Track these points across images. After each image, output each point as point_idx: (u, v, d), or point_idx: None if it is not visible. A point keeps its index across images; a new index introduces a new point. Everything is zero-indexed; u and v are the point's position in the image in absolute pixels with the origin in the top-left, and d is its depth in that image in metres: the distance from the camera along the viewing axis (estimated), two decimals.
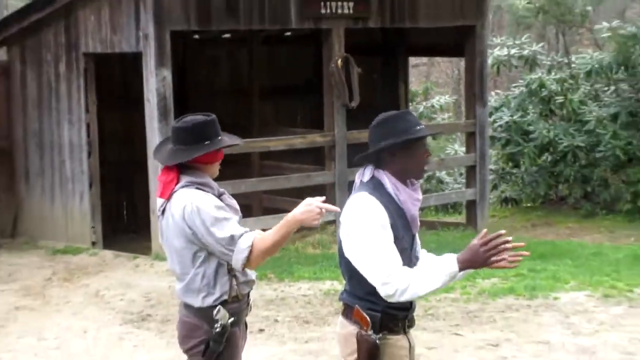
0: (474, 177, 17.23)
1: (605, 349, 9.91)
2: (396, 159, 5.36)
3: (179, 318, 5.90)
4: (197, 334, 5.73)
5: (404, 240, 5.32)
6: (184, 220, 5.55)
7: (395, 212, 5.28)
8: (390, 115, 5.42)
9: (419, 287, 5.12)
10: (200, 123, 5.78)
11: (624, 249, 15.25)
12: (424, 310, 11.49)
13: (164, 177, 5.75)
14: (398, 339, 5.38)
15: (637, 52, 19.36)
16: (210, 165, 5.80)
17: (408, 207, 5.35)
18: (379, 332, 5.32)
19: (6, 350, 10.40)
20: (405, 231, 5.34)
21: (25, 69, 15.78)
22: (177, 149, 5.76)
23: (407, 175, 5.39)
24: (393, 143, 5.29)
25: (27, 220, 16.00)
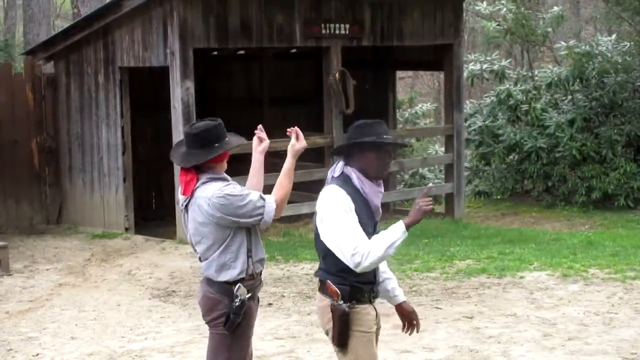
0: (451, 173, 17.24)
1: (564, 321, 9.90)
2: (363, 158, 5.52)
3: (202, 294, 5.89)
4: (219, 307, 5.73)
5: (368, 226, 5.47)
6: (212, 207, 5.59)
7: (360, 202, 5.45)
8: (366, 122, 5.58)
9: (378, 247, 5.27)
10: (209, 128, 5.82)
11: (580, 235, 15.24)
12: (409, 287, 11.48)
13: (184, 177, 5.78)
14: (365, 307, 5.48)
15: (591, 67, 19.35)
16: (220, 163, 5.85)
17: (371, 198, 5.54)
18: (348, 302, 5.42)
19: (51, 322, 10.39)
20: (368, 218, 5.51)
21: (69, 81, 15.76)
22: (191, 152, 5.78)
23: (370, 173, 5.53)
24: (362, 142, 5.47)
25: (71, 210, 15.99)
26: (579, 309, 10.37)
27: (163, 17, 13.83)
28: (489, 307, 10.51)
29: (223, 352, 5.78)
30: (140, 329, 9.97)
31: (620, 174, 18.31)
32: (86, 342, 9.59)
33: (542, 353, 8.80)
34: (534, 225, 16.90)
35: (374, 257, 5.26)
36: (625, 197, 18.23)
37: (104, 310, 10.79)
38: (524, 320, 9.97)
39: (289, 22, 14.71)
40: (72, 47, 15.54)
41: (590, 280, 11.66)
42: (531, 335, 9.39)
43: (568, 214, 18.03)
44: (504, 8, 20.72)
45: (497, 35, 21.22)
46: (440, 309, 10.49)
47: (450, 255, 13.34)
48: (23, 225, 15.71)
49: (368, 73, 18.28)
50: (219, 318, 5.74)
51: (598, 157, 18.65)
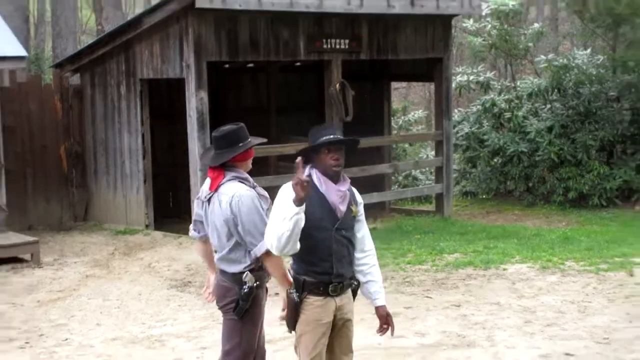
0: (441, 175, 17.24)
1: (543, 309, 9.93)
2: (318, 159, 5.51)
3: (216, 283, 5.96)
4: (229, 294, 5.79)
5: (325, 220, 5.42)
6: (229, 206, 5.66)
7: (315, 198, 5.37)
8: (315, 127, 5.61)
9: (274, 225, 5.22)
10: (233, 130, 5.93)
11: (557, 232, 15.26)
12: (402, 278, 11.51)
13: (211, 174, 5.88)
14: (317, 299, 5.44)
15: (568, 79, 19.36)
16: (245, 162, 5.94)
17: (329, 195, 5.47)
18: (301, 292, 5.44)
19: (78, 309, 10.43)
20: (326, 213, 5.44)
21: (94, 91, 15.79)
22: (218, 152, 5.87)
23: (328, 171, 5.51)
24: (304, 148, 5.51)
25: (96, 208, 16.02)
26: (557, 298, 10.41)
27: (179, 33, 13.86)
28: (475, 296, 10.54)
29: (235, 335, 5.84)
30: (159, 316, 10.01)
31: (594, 176, 18.33)
32: (110, 328, 9.63)
33: (523, 338, 8.84)
34: (516, 222, 16.91)
35: (274, 234, 5.21)
36: (598, 197, 18.25)
37: (127, 299, 10.83)
38: (506, 308, 10.00)
39: (293, 38, 14.74)
40: (96, 61, 15.58)
41: (566, 272, 11.68)
42: (513, 322, 9.42)
43: (547, 212, 18.04)
44: (489, 25, 20.74)
45: (482, 49, 21.22)
46: (430, 298, 10.53)
47: (440, 249, 13.37)
48: (53, 222, 15.74)
49: (365, 84, 18.29)
50: (230, 304, 5.80)
51: (574, 160, 18.65)
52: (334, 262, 5.44)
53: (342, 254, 5.48)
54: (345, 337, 5.59)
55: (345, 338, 5.59)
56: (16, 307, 10.60)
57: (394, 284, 11.25)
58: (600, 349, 8.43)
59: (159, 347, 8.88)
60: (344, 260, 5.49)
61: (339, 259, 5.46)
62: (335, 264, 5.44)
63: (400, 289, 11.01)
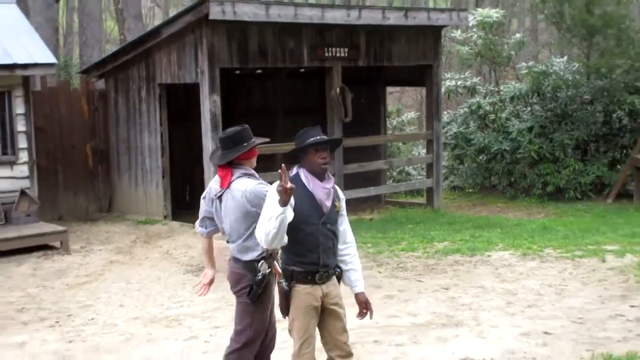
0: (432, 171, 17.24)
1: (523, 291, 9.93)
2: (305, 159, 5.49)
3: (230, 270, 5.97)
4: (244, 281, 5.81)
5: (311, 216, 5.40)
6: (246, 200, 5.68)
7: (303, 195, 5.36)
8: (302, 130, 5.57)
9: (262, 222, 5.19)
10: (238, 132, 5.96)
11: (537, 222, 15.27)
12: (396, 264, 11.51)
13: (221, 172, 5.90)
14: (305, 287, 5.44)
15: (546, 84, 19.37)
16: (250, 160, 5.95)
17: (316, 192, 5.44)
18: (290, 281, 5.43)
19: (103, 292, 10.45)
20: (312, 208, 5.42)
21: (117, 95, 15.80)
22: (225, 152, 5.87)
23: (315, 170, 5.48)
24: (294, 149, 5.51)
25: (119, 201, 16.04)
26: (536, 281, 10.41)
27: (194, 42, 13.85)
28: (462, 280, 10.55)
29: (247, 317, 5.85)
30: (176, 298, 10.02)
31: (570, 172, 18.35)
32: (132, 309, 9.64)
33: (506, 318, 8.84)
34: (499, 214, 16.92)
35: (263, 231, 5.19)
36: (574, 190, 18.27)
37: (147, 283, 10.85)
38: (490, 291, 10.00)
39: (298, 47, 14.73)
40: (119, 67, 15.58)
41: (545, 258, 11.68)
42: (496, 304, 9.42)
43: (527, 204, 18.05)
44: (475, 35, 20.75)
45: (469, 57, 21.24)
46: (422, 282, 10.53)
47: (431, 238, 13.37)
48: (80, 213, 15.76)
49: (363, 89, 18.29)
50: (243, 289, 5.81)
51: (552, 157, 18.67)
52: (321, 253, 5.44)
53: (327, 245, 5.47)
54: (336, 319, 5.56)
55: (338, 320, 5.57)
56: (47, 290, 10.62)
57: (388, 269, 11.26)
58: (575, 328, 8.43)
59: (176, 326, 8.90)
60: (329, 252, 5.50)
61: (325, 250, 5.46)
62: (322, 254, 5.44)
63: (394, 273, 11.01)
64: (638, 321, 8.62)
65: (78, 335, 8.68)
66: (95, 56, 21.56)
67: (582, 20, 18.92)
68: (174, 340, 8.35)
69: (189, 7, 14.05)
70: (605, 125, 19.19)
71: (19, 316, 9.46)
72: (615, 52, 18.83)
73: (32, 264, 12.05)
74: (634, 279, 10.40)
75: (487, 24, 20.61)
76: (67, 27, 36.09)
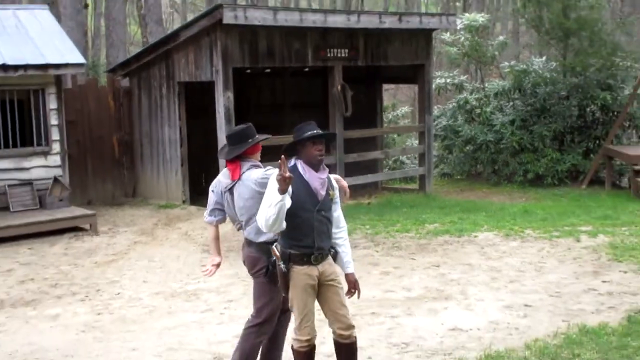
0: (424, 160, 17.22)
1: (506, 268, 9.94)
2: (303, 151, 5.46)
3: (246, 254, 5.97)
4: (260, 263, 5.81)
5: (306, 202, 5.38)
6: (258, 185, 5.68)
7: (300, 184, 5.36)
8: (300, 125, 5.52)
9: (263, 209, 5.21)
10: (243, 129, 6.00)
11: (518, 206, 15.25)
12: (392, 244, 11.51)
13: (230, 166, 5.92)
14: (302, 268, 5.43)
15: (527, 81, 19.33)
16: (255, 154, 5.97)
17: (312, 182, 5.43)
18: (288, 263, 5.42)
19: (128, 269, 10.47)
20: (307, 196, 5.40)
21: (140, 92, 15.78)
22: (232, 147, 5.90)
23: (312, 161, 5.45)
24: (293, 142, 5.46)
25: (142, 187, 16.04)
26: (517, 259, 10.42)
27: (210, 44, 13.83)
28: (451, 258, 10.56)
29: (265, 295, 5.85)
30: (194, 274, 10.04)
31: (548, 160, 18.32)
32: (154, 284, 9.67)
33: (490, 292, 8.86)
34: (484, 198, 16.91)
35: (263, 217, 5.20)
36: (552, 177, 18.24)
37: (168, 261, 10.87)
38: (476, 268, 10.01)
39: (303, 48, 14.70)
40: (142, 67, 15.55)
41: (525, 239, 11.69)
42: (482, 279, 9.44)
43: (509, 190, 18.04)
44: (462, 37, 20.69)
45: (457, 57, 21.18)
46: (415, 260, 10.54)
47: (423, 220, 13.37)
48: (107, 198, 15.77)
49: (362, 86, 18.23)
50: (260, 270, 5.81)
51: (532, 147, 18.63)
52: (315, 237, 5.43)
53: (321, 230, 5.46)
54: (334, 294, 5.54)
55: (335, 295, 5.54)
56: (78, 267, 10.65)
57: (385, 248, 11.26)
58: (552, 301, 8.44)
59: (193, 299, 8.91)
60: (323, 236, 5.48)
61: (319, 235, 5.44)
62: (316, 238, 5.43)
63: (390, 252, 11.02)
64: (609, 295, 8.64)
65: (106, 308, 8.70)
66: (120, 57, 21.56)
67: (559, 23, 18.88)
68: (192, 313, 8.38)
69: (205, 12, 14.05)
70: (580, 119, 19.17)
71: (53, 291, 9.48)
72: (588, 52, 18.78)
73: (64, 244, 12.08)
74: (606, 257, 10.41)
75: (474, 27, 20.57)
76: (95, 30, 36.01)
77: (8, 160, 13.29)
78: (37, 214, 12.84)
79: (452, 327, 7.56)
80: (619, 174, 18.66)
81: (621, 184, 18.41)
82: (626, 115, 18.38)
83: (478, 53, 20.60)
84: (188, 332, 7.66)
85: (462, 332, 7.41)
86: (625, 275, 9.47)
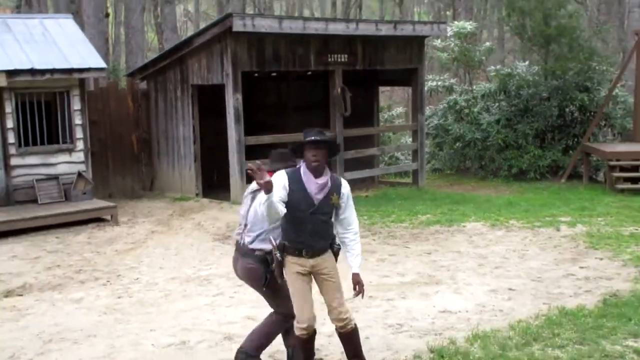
0: (416, 156, 17.21)
1: (492, 255, 9.94)
2: (303, 155, 5.39)
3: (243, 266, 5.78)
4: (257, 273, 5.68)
5: (302, 203, 5.32)
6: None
7: (298, 184, 5.30)
8: (307, 129, 5.48)
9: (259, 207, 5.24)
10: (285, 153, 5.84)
11: (503, 198, 15.25)
12: (387, 233, 11.51)
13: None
14: (295, 259, 5.39)
15: (511, 84, 19.32)
16: None
17: (309, 186, 5.33)
18: (282, 253, 5.41)
19: (146, 257, 10.47)
20: (303, 199, 5.32)
21: (157, 94, 15.74)
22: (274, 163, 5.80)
23: (309, 167, 5.36)
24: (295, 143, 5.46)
25: (159, 181, 16.01)
26: (502, 247, 10.41)
27: (220, 50, 13.81)
28: (441, 247, 10.55)
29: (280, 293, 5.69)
30: (206, 261, 10.04)
31: (531, 156, 18.31)
32: (170, 270, 9.66)
33: (477, 277, 8.85)
34: (472, 191, 16.91)
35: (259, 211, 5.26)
36: (534, 172, 18.23)
37: (182, 249, 10.86)
38: (465, 255, 10.01)
39: (306, 53, 14.68)
40: (159, 71, 15.52)
41: (510, 228, 11.68)
42: (470, 265, 9.43)
43: (495, 184, 18.03)
44: (452, 43, 20.66)
45: (447, 62, 21.15)
46: (409, 248, 10.53)
47: (416, 211, 13.36)
48: (127, 191, 15.75)
49: (360, 88, 18.20)
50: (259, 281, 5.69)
51: (516, 144, 18.62)
52: (307, 237, 5.35)
53: (315, 230, 5.36)
54: (328, 287, 5.45)
55: (329, 288, 5.44)
56: (100, 255, 10.64)
57: (381, 237, 11.26)
58: (534, 285, 8.44)
59: (206, 284, 8.91)
60: (317, 236, 5.38)
61: (312, 235, 5.36)
62: (308, 238, 5.36)
63: (385, 241, 11.01)
64: (586, 280, 8.63)
65: (125, 292, 8.70)
66: (138, 62, 21.53)
67: (541, 31, 18.85)
68: (205, 296, 8.37)
69: (216, 21, 14.03)
70: (560, 118, 19.15)
71: (77, 276, 9.48)
72: (567, 57, 18.75)
73: (87, 234, 12.08)
74: (583, 245, 10.40)
75: (462, 34, 20.54)
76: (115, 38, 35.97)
77: (36, 156, 13.29)
78: (62, 206, 12.83)
79: (442, 309, 7.55)
80: (596, 169, 18.65)
81: (597, 178, 18.40)
82: (602, 115, 18.39)
83: (466, 58, 20.57)
84: (201, 314, 7.65)
85: (452, 314, 7.40)
86: (601, 261, 9.46)
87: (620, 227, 11.55)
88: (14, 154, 13.06)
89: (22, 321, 7.65)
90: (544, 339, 6.48)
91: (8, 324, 7.57)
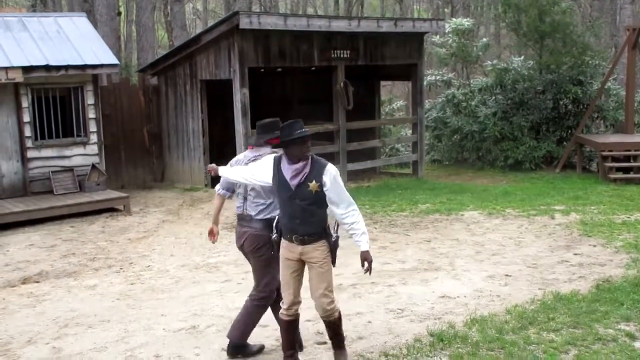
0: (416, 147, 17.18)
1: (489, 243, 9.91)
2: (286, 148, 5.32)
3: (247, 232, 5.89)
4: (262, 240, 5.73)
5: (281, 189, 5.32)
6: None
7: (277, 173, 5.32)
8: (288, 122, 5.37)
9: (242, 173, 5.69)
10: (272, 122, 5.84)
11: (499, 188, 15.22)
12: (388, 222, 11.49)
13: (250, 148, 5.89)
14: (285, 242, 5.37)
15: (507, 78, 19.24)
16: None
17: (285, 171, 5.30)
18: (278, 236, 5.42)
19: (157, 245, 10.46)
20: (281, 185, 5.31)
21: (167, 89, 15.72)
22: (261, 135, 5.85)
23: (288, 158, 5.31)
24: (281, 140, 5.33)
25: (169, 172, 16.01)
26: (499, 235, 10.39)
27: (228, 47, 13.77)
28: (440, 234, 10.53)
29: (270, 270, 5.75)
30: (215, 249, 10.03)
31: (526, 148, 18.26)
32: (180, 258, 9.66)
33: (475, 264, 8.83)
34: (470, 181, 16.88)
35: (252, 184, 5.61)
36: (529, 163, 18.18)
37: (192, 238, 10.85)
38: (463, 242, 9.98)
39: (310, 50, 14.63)
40: (169, 67, 15.50)
41: (506, 217, 11.65)
42: (468, 252, 9.41)
43: (492, 174, 17.99)
44: (450, 39, 20.59)
45: (445, 57, 21.07)
46: (409, 236, 10.51)
47: (416, 200, 13.34)
48: (139, 183, 15.76)
49: (361, 83, 18.17)
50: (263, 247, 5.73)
51: (512, 136, 18.57)
52: (288, 220, 5.29)
53: (295, 215, 5.25)
54: (314, 274, 5.34)
55: (315, 274, 5.33)
56: (113, 243, 10.64)
57: (382, 225, 11.24)
58: (530, 272, 8.41)
59: (214, 271, 8.90)
60: (297, 221, 5.25)
61: (292, 219, 5.26)
62: (290, 221, 5.29)
63: (387, 229, 10.99)
64: (580, 266, 8.60)
65: (138, 278, 8.70)
66: (149, 58, 21.49)
67: (535, 27, 18.78)
68: (213, 283, 8.37)
69: (223, 18, 13.98)
70: (554, 111, 19.09)
71: (91, 264, 9.48)
72: (561, 52, 18.70)
73: (101, 223, 12.08)
74: (577, 232, 10.37)
75: (460, 30, 20.46)
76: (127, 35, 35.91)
77: (52, 149, 13.29)
78: (77, 197, 12.84)
79: (441, 294, 7.53)
80: (589, 159, 18.61)
81: (590, 168, 18.36)
82: (595, 107, 18.34)
83: (464, 53, 20.49)
84: (210, 300, 7.65)
85: (451, 299, 7.39)
86: (594, 248, 9.43)
87: (612, 215, 11.52)
88: (30, 146, 13.08)
89: (39, 307, 7.66)
90: (539, 323, 6.46)
91: (25, 309, 7.58)
